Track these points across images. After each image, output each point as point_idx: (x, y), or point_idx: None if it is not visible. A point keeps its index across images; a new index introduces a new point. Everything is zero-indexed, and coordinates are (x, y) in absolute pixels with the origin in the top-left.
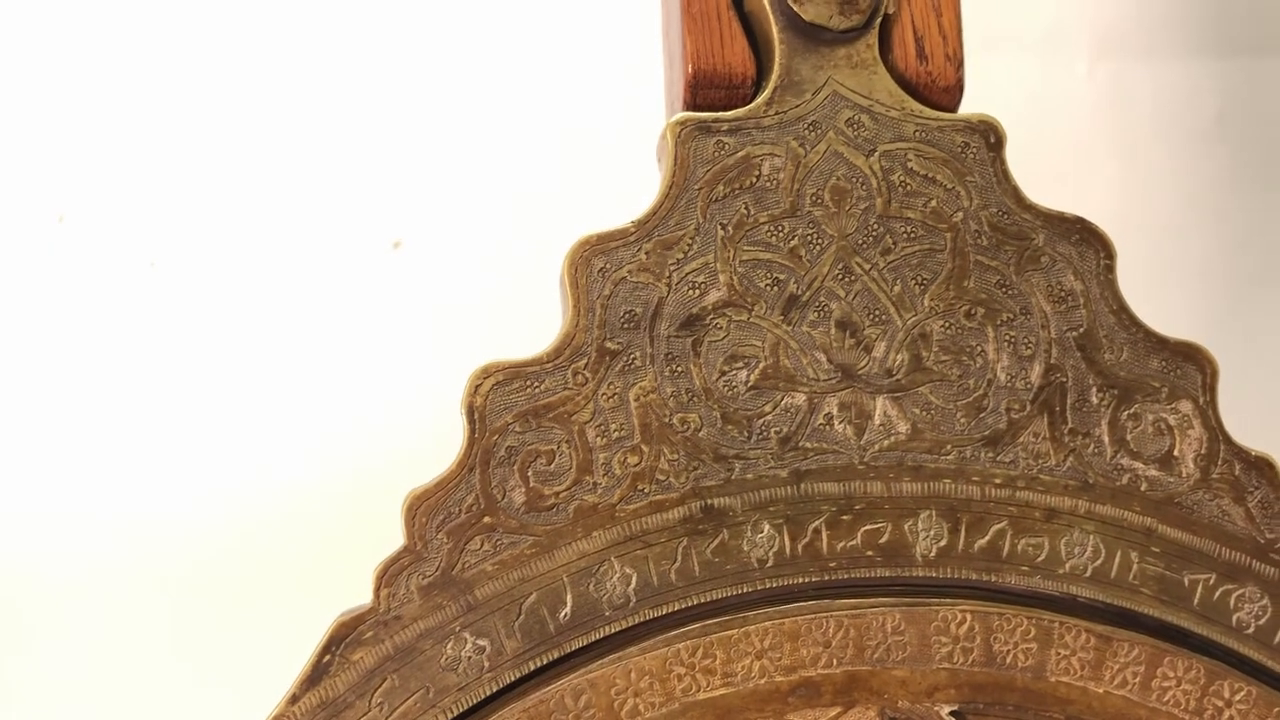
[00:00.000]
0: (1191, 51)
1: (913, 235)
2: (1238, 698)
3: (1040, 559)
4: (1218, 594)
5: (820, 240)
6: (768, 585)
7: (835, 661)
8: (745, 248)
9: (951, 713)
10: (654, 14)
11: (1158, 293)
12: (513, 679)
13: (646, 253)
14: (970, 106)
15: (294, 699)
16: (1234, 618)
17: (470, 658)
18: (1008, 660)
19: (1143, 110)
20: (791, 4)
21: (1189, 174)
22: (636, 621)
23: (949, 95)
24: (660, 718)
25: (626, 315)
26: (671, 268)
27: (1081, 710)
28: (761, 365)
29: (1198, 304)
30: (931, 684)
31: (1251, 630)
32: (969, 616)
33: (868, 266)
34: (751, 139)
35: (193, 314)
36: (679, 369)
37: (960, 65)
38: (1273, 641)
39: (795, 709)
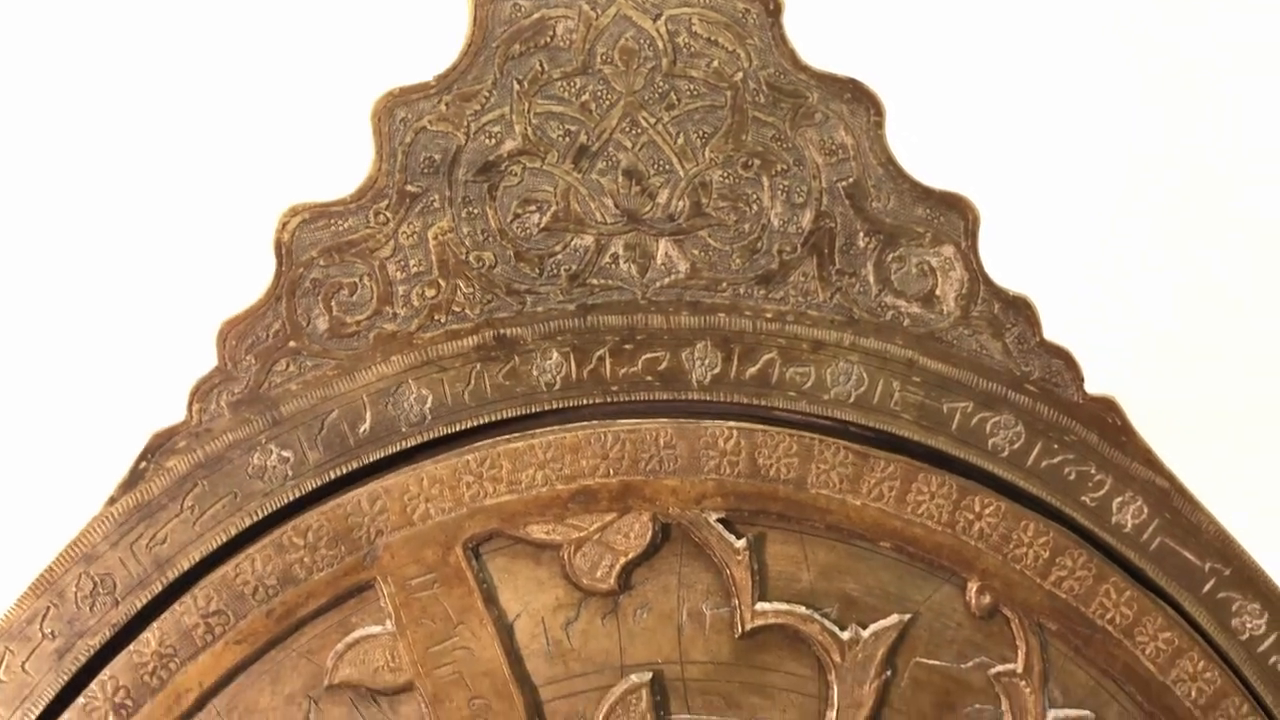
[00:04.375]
0: None
1: (695, 93)
2: (987, 511)
3: (807, 386)
4: (974, 420)
5: (609, 96)
6: (554, 406)
7: (612, 472)
8: (539, 102)
9: (719, 520)
10: None
11: None
12: (314, 487)
13: (446, 104)
14: None
15: (112, 500)
16: (990, 442)
17: (275, 467)
18: (771, 473)
19: None
20: None
21: None
22: (431, 437)
23: None
24: (449, 521)
25: (426, 161)
26: (470, 119)
27: (840, 520)
28: (553, 209)
29: None
30: (700, 493)
31: (1006, 454)
32: (736, 433)
33: (653, 121)
34: (546, 3)
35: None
36: (475, 211)
37: None
38: (1025, 464)
39: (574, 514)
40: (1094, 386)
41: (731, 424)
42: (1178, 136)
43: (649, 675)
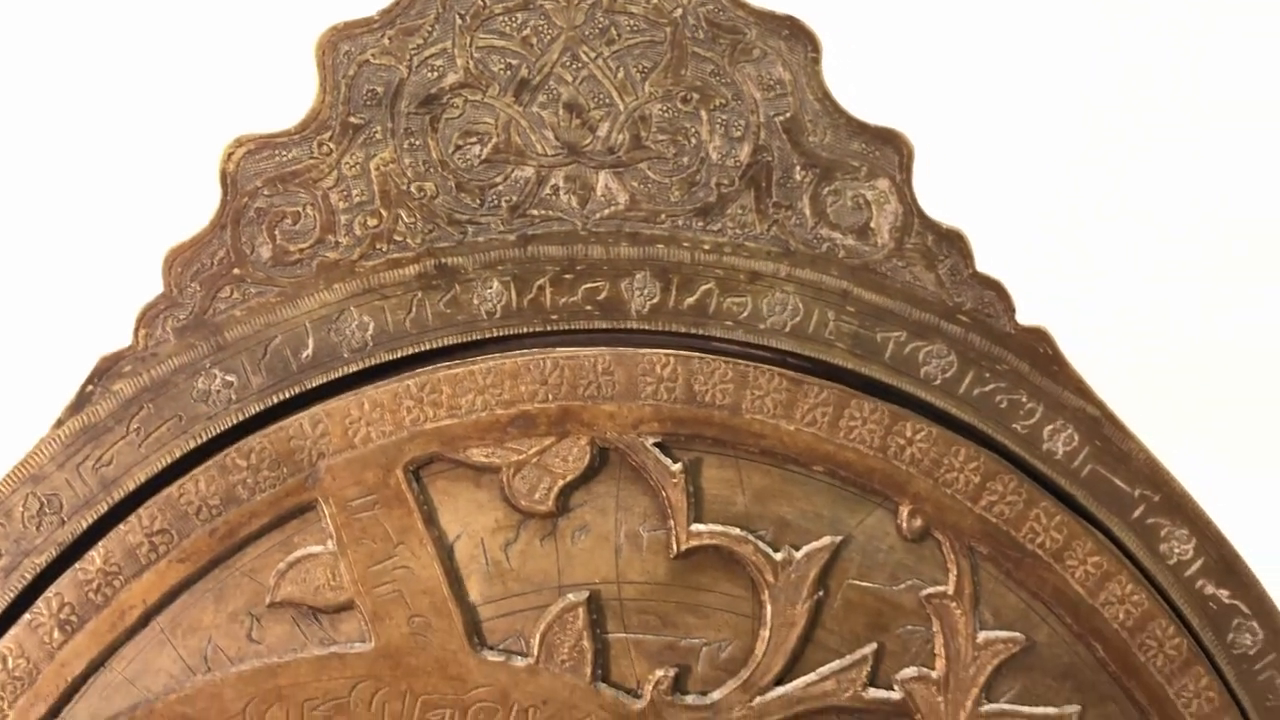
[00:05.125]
0: None
1: (635, 28)
2: (919, 437)
3: (744, 316)
4: (908, 350)
5: (550, 30)
6: (495, 334)
7: (551, 397)
8: (481, 36)
9: (656, 444)
10: None
11: None
12: (257, 411)
13: (389, 39)
14: None
15: (59, 423)
16: (922, 371)
17: (219, 391)
18: (707, 399)
19: None
20: None
21: None
22: (373, 364)
23: None
24: (390, 444)
25: (369, 94)
26: (412, 52)
27: (774, 444)
28: (494, 141)
29: None
30: (637, 418)
31: (938, 382)
32: (673, 360)
33: (593, 55)
34: None
35: None
36: (417, 143)
37: None
38: (958, 392)
39: (513, 438)
40: (1028, 319)
41: (668, 351)
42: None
43: (585, 594)
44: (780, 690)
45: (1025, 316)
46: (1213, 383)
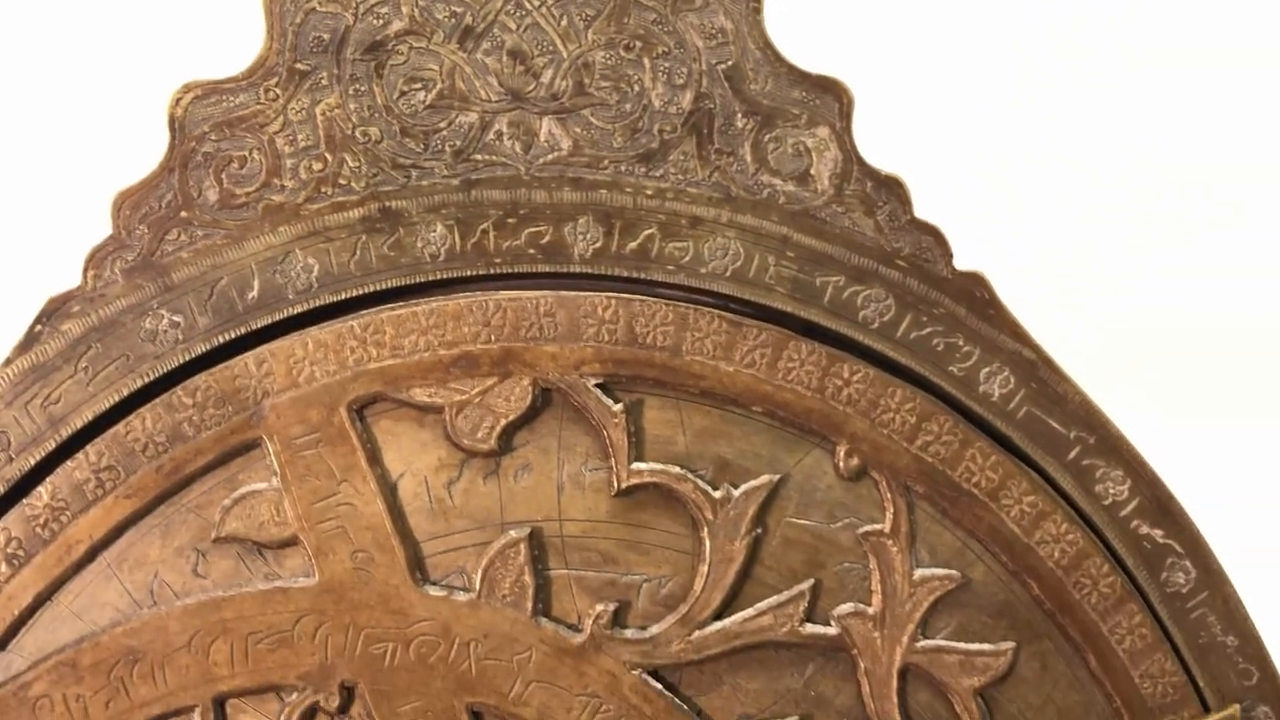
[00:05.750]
0: None
1: None
2: (856, 377)
3: (685, 260)
4: (846, 294)
5: None
6: (438, 277)
7: (493, 338)
8: None
9: (597, 384)
10: None
11: None
12: (204, 350)
13: None
14: None
15: (7, 362)
16: (860, 314)
17: (166, 331)
18: (648, 340)
19: None
20: None
21: None
22: (317, 305)
23: None
24: (334, 383)
25: (315, 40)
26: (358, 0)
27: (714, 385)
28: (438, 87)
29: None
30: (579, 359)
31: (876, 325)
32: (614, 302)
33: (537, 3)
34: None
35: None
36: (362, 89)
37: None
38: (895, 335)
39: (456, 378)
40: (965, 264)
41: (610, 294)
42: (1066, 32)
43: (527, 531)
44: (718, 625)
45: (963, 262)
46: (1143, 330)
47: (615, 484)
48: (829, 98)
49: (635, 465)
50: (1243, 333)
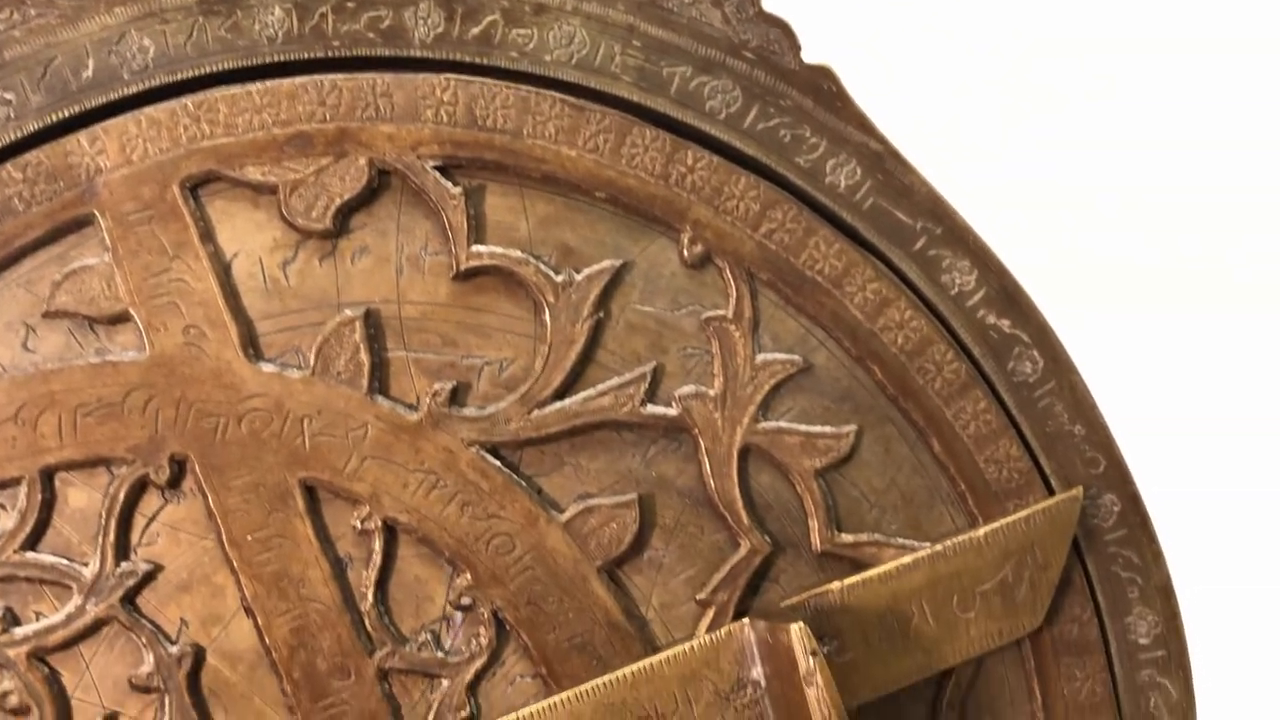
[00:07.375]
0: None
1: None
2: (699, 165)
3: (529, 48)
4: (693, 84)
5: None
6: (275, 60)
7: (328, 117)
8: None
9: (436, 167)
10: None
11: None
12: (35, 128)
13: None
14: None
15: None
16: (707, 105)
17: None
18: (488, 123)
19: None
20: None
21: None
22: (152, 85)
23: None
24: (167, 160)
25: None
26: None
27: (555, 169)
28: None
29: None
30: (416, 139)
31: (723, 116)
32: (453, 84)
33: None
34: None
35: None
36: None
37: None
38: (741, 126)
39: (291, 158)
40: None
41: (449, 76)
42: None
43: (363, 310)
44: (559, 404)
45: (816, 58)
46: (1016, 201)
47: (455, 267)
48: None
49: (475, 248)
50: (1115, 205)
